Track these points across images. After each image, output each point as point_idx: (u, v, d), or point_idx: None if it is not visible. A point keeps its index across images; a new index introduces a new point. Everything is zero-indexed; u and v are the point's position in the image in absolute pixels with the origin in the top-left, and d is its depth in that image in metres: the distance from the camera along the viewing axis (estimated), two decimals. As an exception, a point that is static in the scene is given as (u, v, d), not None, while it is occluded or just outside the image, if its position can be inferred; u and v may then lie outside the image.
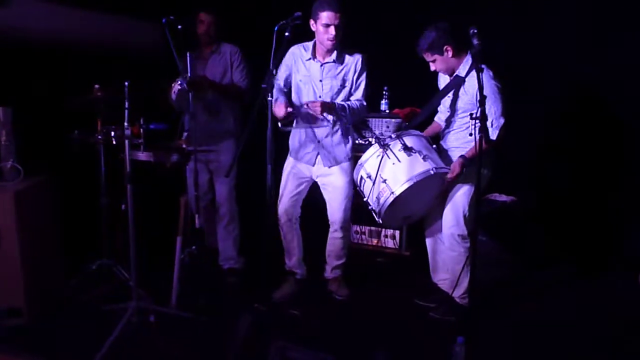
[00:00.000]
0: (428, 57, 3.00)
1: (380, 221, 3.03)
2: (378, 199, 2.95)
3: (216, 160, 3.54)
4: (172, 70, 3.20)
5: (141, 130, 2.84)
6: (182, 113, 3.40)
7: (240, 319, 2.54)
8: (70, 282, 3.25)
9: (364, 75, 3.18)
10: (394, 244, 4.21)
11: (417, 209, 3.21)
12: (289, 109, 3.03)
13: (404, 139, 2.96)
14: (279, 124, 3.07)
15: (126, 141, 2.73)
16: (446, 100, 3.14)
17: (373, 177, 2.96)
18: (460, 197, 3.04)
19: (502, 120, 2.88)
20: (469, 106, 2.94)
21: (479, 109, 2.39)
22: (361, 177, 3.07)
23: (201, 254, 3.23)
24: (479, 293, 2.92)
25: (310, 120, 3.17)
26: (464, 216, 3.02)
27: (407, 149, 2.92)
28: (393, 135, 3.01)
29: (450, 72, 3.05)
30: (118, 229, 3.14)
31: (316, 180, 3.35)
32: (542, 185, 4.23)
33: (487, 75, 2.87)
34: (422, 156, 2.91)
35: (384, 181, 2.92)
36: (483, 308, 3.09)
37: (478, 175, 2.33)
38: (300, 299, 3.34)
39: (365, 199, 3.06)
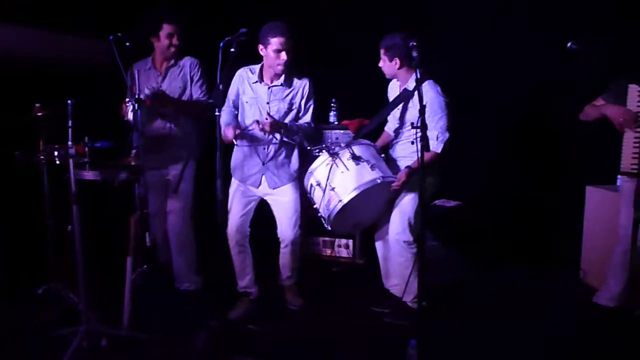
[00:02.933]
0: (381, 54, 3.12)
1: (329, 228, 3.09)
2: (327, 206, 3.02)
3: (168, 178, 3.48)
4: (119, 87, 3.16)
5: (86, 148, 2.79)
6: (130, 130, 3.34)
7: (196, 337, 2.51)
8: (16, 308, 3.12)
9: (312, 99, 3.25)
10: (347, 253, 4.27)
11: (366, 216, 3.29)
12: (237, 132, 3.04)
13: (353, 148, 3.03)
14: (234, 142, 3.08)
15: (70, 160, 2.67)
16: (396, 112, 3.25)
17: (323, 185, 3.02)
18: (406, 204, 3.14)
19: (447, 135, 3.03)
20: (415, 118, 2.99)
21: (419, 118, 2.49)
22: (311, 185, 3.12)
23: (153, 273, 3.17)
24: (430, 296, 3.02)
25: (256, 140, 3.19)
26: (410, 223, 3.12)
27: (355, 157, 2.99)
28: (342, 144, 3.08)
29: (392, 77, 3.19)
30: (65, 251, 3.04)
31: (264, 197, 3.34)
32: (489, 190, 4.39)
33: (434, 90, 3.02)
34: (370, 165, 2.99)
35: (333, 189, 2.99)
36: (435, 311, 3.17)
37: (422, 182, 2.42)
38: (256, 312, 3.33)
39: (315, 206, 3.12)
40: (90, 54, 3.31)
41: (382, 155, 3.19)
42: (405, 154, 3.18)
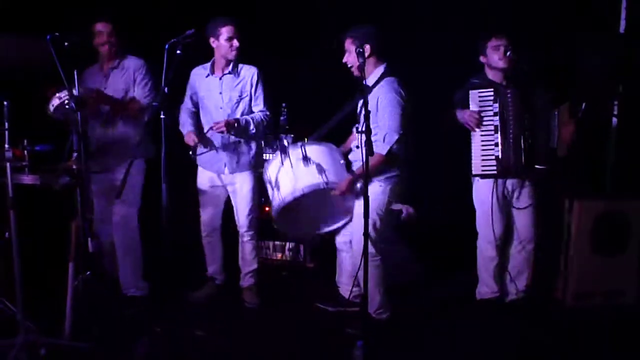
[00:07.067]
0: (348, 44, 3.03)
1: (275, 227, 3.13)
2: (273, 205, 3.04)
3: (114, 182, 3.34)
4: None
5: (25, 152, 2.70)
6: (70, 132, 3.23)
7: (138, 343, 2.46)
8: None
9: (261, 87, 3.38)
10: (298, 257, 4.28)
11: (322, 221, 3.27)
12: (196, 139, 3.27)
13: (306, 148, 3.00)
14: (190, 153, 3.27)
15: (7, 164, 2.58)
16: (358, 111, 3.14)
17: (273, 182, 3.05)
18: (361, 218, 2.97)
19: (395, 136, 2.90)
20: (371, 116, 2.91)
21: (364, 124, 2.49)
22: (266, 181, 3.18)
23: (97, 279, 3.08)
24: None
25: (217, 138, 3.34)
26: (369, 235, 2.92)
27: (305, 159, 2.97)
28: (298, 144, 3.07)
29: (358, 72, 3.01)
30: (1, 259, 2.92)
31: (227, 187, 3.48)
32: (434, 194, 4.47)
33: (389, 87, 2.92)
34: (318, 169, 2.95)
35: (277, 188, 2.99)
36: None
37: (365, 191, 2.43)
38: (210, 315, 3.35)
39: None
40: (27, 53, 3.20)
41: (342, 161, 3.10)
42: (358, 158, 3.02)
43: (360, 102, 3.01)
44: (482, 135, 3.21)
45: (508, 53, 3.16)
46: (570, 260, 3.42)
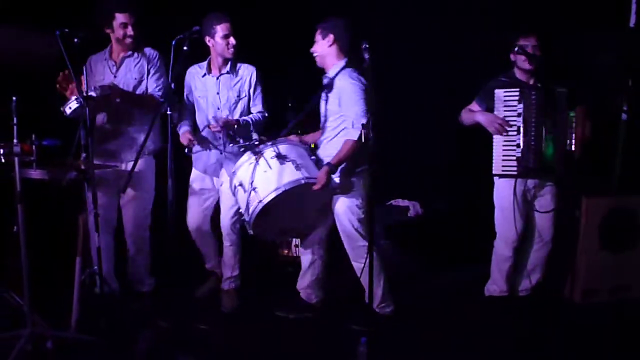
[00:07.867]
0: (317, 34, 3.07)
1: (251, 232, 2.97)
2: (248, 208, 2.91)
3: (119, 178, 3.31)
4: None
5: (33, 147, 2.72)
6: (78, 127, 3.24)
7: (141, 336, 2.48)
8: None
9: (260, 87, 3.33)
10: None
11: (295, 222, 3.18)
12: (191, 138, 3.20)
13: (279, 146, 2.95)
14: (186, 150, 3.23)
15: (16, 159, 2.59)
16: (321, 104, 3.17)
17: (245, 185, 2.92)
18: (344, 215, 3.03)
19: (363, 120, 2.84)
20: (335, 108, 3.00)
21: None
22: (235, 186, 3.02)
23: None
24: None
25: (214, 138, 3.29)
26: (356, 230, 3.02)
27: (280, 157, 2.90)
28: (269, 143, 2.98)
29: (321, 62, 3.10)
30: (9, 252, 2.95)
31: (217, 190, 3.41)
32: (440, 190, 4.46)
33: (349, 77, 2.94)
34: (295, 165, 2.89)
35: (254, 189, 2.87)
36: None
37: (368, 181, 2.39)
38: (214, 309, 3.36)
39: (240, 210, 3.03)
40: (36, 48, 3.21)
41: (312, 157, 3.07)
42: (333, 151, 2.99)
43: (323, 95, 3.09)
44: (504, 136, 3.20)
45: (516, 49, 3.16)
46: (578, 257, 3.41)
